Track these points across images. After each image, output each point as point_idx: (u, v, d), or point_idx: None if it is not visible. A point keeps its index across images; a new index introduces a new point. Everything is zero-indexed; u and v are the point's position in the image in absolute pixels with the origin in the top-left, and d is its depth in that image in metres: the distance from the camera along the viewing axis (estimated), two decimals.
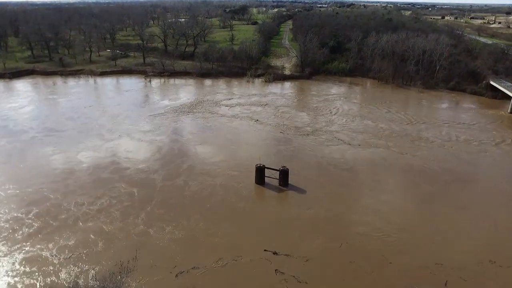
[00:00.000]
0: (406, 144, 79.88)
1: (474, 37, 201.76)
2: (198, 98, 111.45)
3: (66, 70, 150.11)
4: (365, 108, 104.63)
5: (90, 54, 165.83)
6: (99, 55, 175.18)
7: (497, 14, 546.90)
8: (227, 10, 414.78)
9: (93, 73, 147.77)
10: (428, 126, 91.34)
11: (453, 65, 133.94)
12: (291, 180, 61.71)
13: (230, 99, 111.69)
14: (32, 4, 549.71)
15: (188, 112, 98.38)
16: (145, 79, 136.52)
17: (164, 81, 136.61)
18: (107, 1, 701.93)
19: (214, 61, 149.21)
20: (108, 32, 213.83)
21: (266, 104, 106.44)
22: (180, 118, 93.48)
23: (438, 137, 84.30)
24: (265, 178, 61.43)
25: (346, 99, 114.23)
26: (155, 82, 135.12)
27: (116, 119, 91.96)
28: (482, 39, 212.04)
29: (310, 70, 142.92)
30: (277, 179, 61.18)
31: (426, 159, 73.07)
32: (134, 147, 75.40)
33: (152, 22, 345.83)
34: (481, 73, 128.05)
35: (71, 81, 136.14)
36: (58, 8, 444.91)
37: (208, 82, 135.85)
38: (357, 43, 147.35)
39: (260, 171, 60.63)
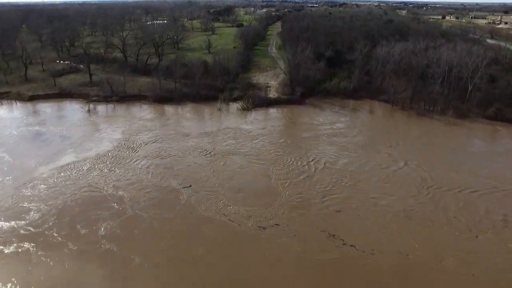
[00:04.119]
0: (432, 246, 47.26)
1: (503, 44, 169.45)
2: (132, 142, 76.79)
3: None
4: (363, 157, 70.95)
5: (26, 70, 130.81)
6: (43, 70, 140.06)
7: (496, 13, 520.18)
8: (211, 11, 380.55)
9: (20, 98, 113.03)
10: (462, 196, 58.13)
11: (490, 84, 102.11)
12: None
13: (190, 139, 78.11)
14: (6, 5, 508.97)
15: (102, 170, 64.01)
16: (83, 107, 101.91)
17: (114, 108, 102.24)
18: (93, 1, 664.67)
19: (180, 78, 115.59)
20: (64, 39, 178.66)
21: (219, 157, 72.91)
22: (81, 184, 58.93)
23: (488, 225, 51.70)
24: None
25: (342, 138, 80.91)
26: (97, 110, 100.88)
27: None
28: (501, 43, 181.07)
29: (302, 91, 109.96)
30: None
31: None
32: None
33: (129, 25, 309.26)
34: None
35: None
36: (29, 9, 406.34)
37: (167, 110, 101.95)
38: (363, 54, 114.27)
39: None
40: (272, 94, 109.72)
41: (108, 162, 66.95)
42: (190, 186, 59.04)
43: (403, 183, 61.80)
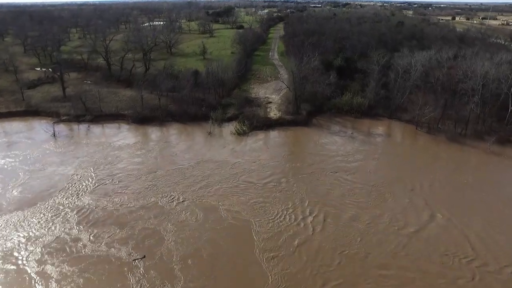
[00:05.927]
0: None
1: None
2: (83, 183, 60.22)
3: None
4: (378, 209, 54.32)
5: None
6: (16, 80, 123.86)
7: (505, 14, 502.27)
8: (210, 12, 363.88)
9: None
10: None
11: None
12: None
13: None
14: (5, 5, 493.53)
15: (31, 231, 47.56)
16: (48, 129, 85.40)
17: (86, 130, 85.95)
18: (92, 2, 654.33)
19: (166, 91, 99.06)
20: (47, 44, 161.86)
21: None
22: None
23: None
24: None
25: (353, 176, 63.97)
26: (64, 133, 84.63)
27: None
28: None
29: (309, 109, 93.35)
30: None
31: None
32: None
33: (124, 27, 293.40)
34: None
35: None
36: (21, 10, 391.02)
37: (146, 133, 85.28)
38: (381, 65, 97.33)
39: None
40: (273, 113, 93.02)
41: (42, 217, 50.60)
42: (144, 257, 43.44)
43: (429, 255, 45.08)
